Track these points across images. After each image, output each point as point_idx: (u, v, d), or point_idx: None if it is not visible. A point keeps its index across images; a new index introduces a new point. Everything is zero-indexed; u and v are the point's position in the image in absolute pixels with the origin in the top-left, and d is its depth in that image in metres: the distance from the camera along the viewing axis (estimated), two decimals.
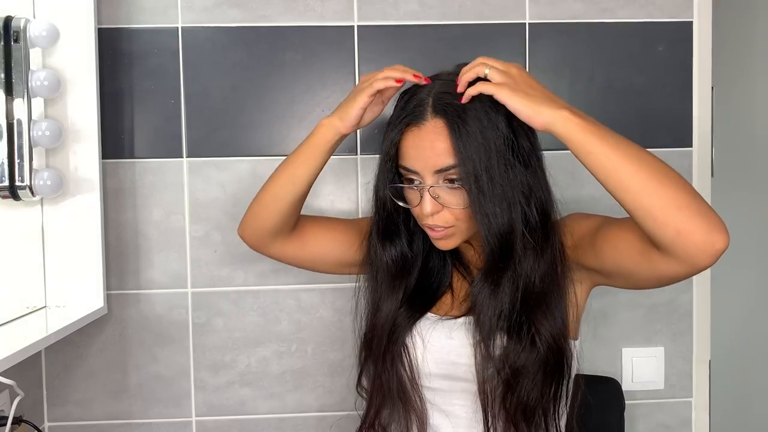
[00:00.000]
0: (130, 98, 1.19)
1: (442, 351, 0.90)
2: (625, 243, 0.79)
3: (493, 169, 0.81)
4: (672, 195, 0.71)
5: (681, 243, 0.70)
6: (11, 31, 1.04)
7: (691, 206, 0.71)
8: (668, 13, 1.23)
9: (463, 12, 1.21)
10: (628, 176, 0.73)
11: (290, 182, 0.95)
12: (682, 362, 1.26)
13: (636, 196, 0.72)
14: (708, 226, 0.70)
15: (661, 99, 1.23)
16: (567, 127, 0.76)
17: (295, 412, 1.24)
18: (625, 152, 0.74)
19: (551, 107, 0.77)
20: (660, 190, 0.71)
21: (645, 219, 0.72)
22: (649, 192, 0.72)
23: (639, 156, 0.74)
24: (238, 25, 1.20)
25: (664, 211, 0.71)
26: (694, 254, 0.70)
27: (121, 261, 1.21)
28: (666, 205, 0.71)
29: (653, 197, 0.71)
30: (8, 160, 1.04)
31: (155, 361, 1.22)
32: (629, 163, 0.73)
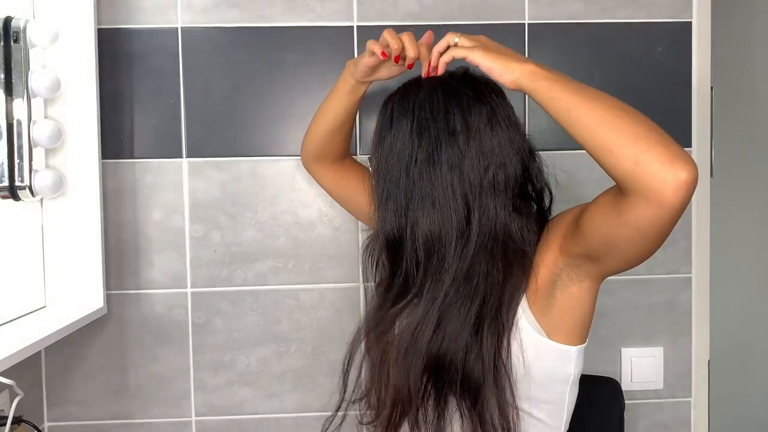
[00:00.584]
0: (130, 98, 1.20)
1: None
2: (598, 208, 0.79)
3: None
4: (629, 127, 0.71)
5: (640, 175, 0.68)
6: (11, 31, 1.04)
7: (649, 137, 0.69)
8: (667, 14, 1.23)
9: (463, 12, 1.21)
10: (584, 113, 0.74)
11: (323, 117, 1.05)
12: (682, 362, 1.26)
13: (593, 132, 0.73)
14: (668, 155, 0.68)
15: (661, 99, 1.23)
16: (533, 77, 0.78)
17: (295, 412, 1.24)
18: (586, 94, 0.76)
19: (520, 62, 0.80)
20: (617, 122, 0.72)
21: (603, 155, 0.72)
22: (606, 125, 0.72)
23: (599, 96, 0.76)
24: (237, 25, 1.20)
25: (620, 142, 0.70)
26: (657, 186, 0.68)
27: (120, 261, 1.21)
28: (622, 136, 0.70)
29: (609, 129, 0.72)
30: (8, 160, 1.04)
31: (155, 361, 1.22)
32: (588, 101, 0.75)
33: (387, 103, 0.90)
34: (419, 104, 0.86)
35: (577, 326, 0.87)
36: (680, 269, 1.25)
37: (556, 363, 0.86)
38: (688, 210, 1.25)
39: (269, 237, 1.22)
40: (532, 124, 1.22)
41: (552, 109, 0.77)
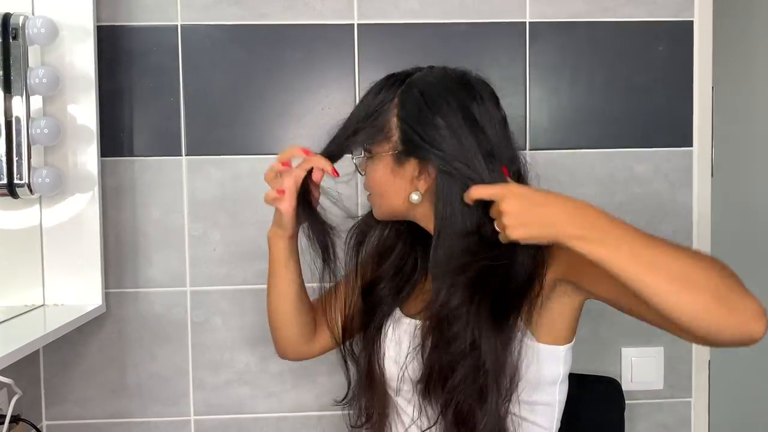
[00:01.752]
0: (129, 96, 1.19)
1: (393, 351, 0.91)
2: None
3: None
4: (702, 300, 0.66)
5: (713, 339, 0.68)
6: (10, 28, 1.03)
7: (722, 305, 0.66)
8: (669, 13, 1.22)
9: (464, 10, 1.21)
10: (652, 287, 0.68)
11: (281, 297, 0.97)
12: (682, 362, 1.26)
13: (663, 306, 0.68)
14: (742, 319, 0.66)
15: (662, 98, 1.23)
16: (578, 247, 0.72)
17: (294, 412, 1.24)
18: (648, 260, 0.69)
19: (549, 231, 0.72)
20: (687, 297, 0.66)
21: (676, 323, 0.68)
22: (677, 302, 0.67)
23: (666, 261, 0.68)
24: (237, 23, 1.19)
25: (693, 319, 0.66)
26: (729, 344, 0.68)
27: (119, 259, 1.20)
28: (695, 311, 0.66)
29: (681, 307, 0.67)
30: (6, 158, 1.04)
31: (154, 360, 1.22)
32: (654, 274, 0.68)
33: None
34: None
35: (565, 329, 0.87)
36: None
37: (546, 364, 0.86)
38: (689, 209, 1.25)
39: None
40: (533, 122, 1.22)
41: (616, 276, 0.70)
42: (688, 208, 1.25)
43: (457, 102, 0.83)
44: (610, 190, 1.24)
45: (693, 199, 1.24)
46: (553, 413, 0.89)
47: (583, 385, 0.92)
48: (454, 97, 0.83)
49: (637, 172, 1.24)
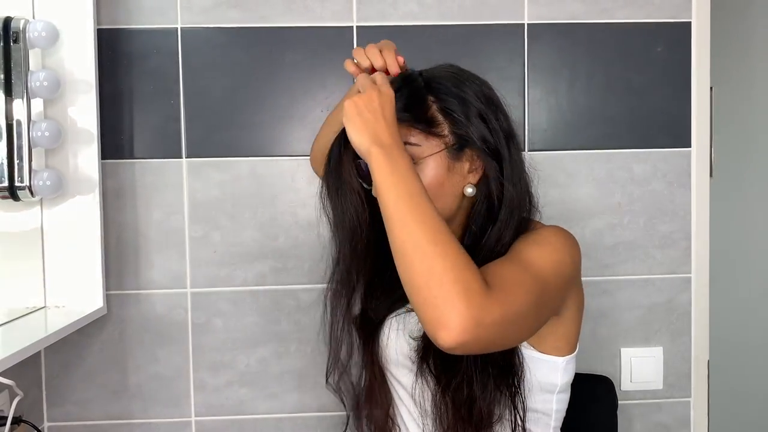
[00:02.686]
0: (130, 99, 1.20)
1: (397, 343, 0.92)
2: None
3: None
4: (412, 281, 0.69)
5: (421, 314, 0.69)
6: (11, 31, 1.04)
7: (424, 295, 0.68)
8: (667, 14, 1.23)
9: (462, 12, 1.21)
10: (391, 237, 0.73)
11: (330, 126, 1.03)
12: (681, 362, 1.26)
13: (399, 245, 0.72)
14: (432, 319, 0.67)
15: (660, 99, 1.23)
16: (371, 162, 0.77)
17: (294, 412, 1.24)
18: (406, 205, 0.73)
19: (368, 140, 0.77)
20: (418, 257, 0.70)
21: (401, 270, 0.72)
22: (404, 252, 0.71)
23: (416, 213, 0.72)
24: (237, 25, 1.20)
25: (407, 289, 0.70)
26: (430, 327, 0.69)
27: (120, 261, 1.21)
28: (406, 282, 0.70)
29: (401, 272, 0.71)
30: (8, 160, 1.04)
31: (155, 361, 1.22)
32: (403, 216, 0.72)
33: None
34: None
35: (562, 339, 0.87)
36: (680, 269, 1.25)
37: (543, 373, 0.87)
38: (688, 210, 1.25)
39: (269, 237, 1.22)
40: (532, 123, 1.22)
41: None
42: (687, 208, 1.25)
43: (479, 90, 0.87)
44: (609, 191, 1.24)
45: (692, 199, 1.25)
46: (549, 422, 0.89)
47: (575, 383, 0.93)
48: (476, 85, 0.88)
49: (636, 173, 1.24)
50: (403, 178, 0.74)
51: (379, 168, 0.75)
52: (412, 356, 0.88)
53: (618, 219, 1.24)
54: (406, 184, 0.73)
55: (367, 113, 0.78)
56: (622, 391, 1.24)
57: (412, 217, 0.71)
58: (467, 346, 0.67)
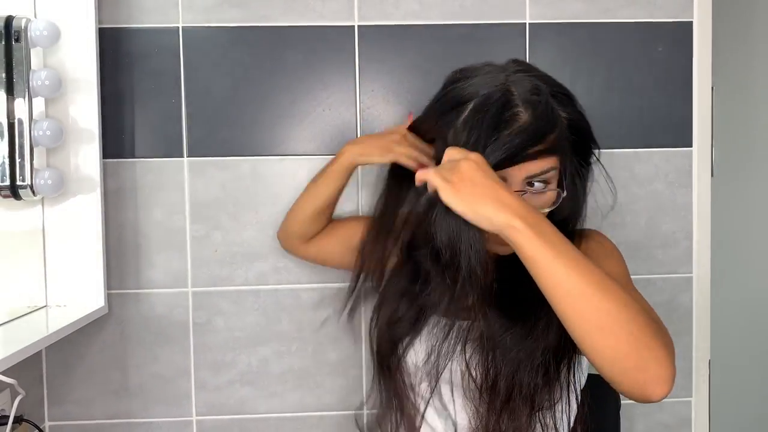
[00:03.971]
0: (131, 98, 1.20)
1: (430, 348, 0.90)
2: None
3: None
4: (612, 347, 0.66)
5: (613, 384, 0.68)
6: (12, 30, 1.04)
7: (629, 359, 0.65)
8: (668, 13, 1.23)
9: (464, 12, 1.21)
10: (568, 314, 0.67)
11: (314, 198, 1.08)
12: (682, 362, 1.26)
13: (577, 328, 0.67)
14: (644, 379, 0.65)
15: (662, 99, 1.23)
16: (514, 236, 0.69)
17: (296, 412, 1.24)
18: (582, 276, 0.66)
19: (496, 211, 0.68)
20: (600, 338, 0.66)
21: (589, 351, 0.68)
22: (587, 339, 0.67)
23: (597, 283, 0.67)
24: (238, 25, 1.20)
25: (599, 360, 0.67)
26: (626, 394, 0.68)
27: (121, 260, 1.21)
28: (603, 354, 0.66)
29: (590, 344, 0.67)
30: (9, 159, 1.04)
31: (156, 361, 1.22)
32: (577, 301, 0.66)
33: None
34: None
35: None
36: (681, 269, 1.25)
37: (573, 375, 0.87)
38: (689, 210, 1.25)
39: (270, 236, 1.22)
40: None
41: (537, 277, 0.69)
42: (688, 208, 1.25)
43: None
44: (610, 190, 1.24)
45: (693, 199, 1.25)
46: (569, 419, 0.89)
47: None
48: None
49: (637, 173, 1.24)
50: (560, 249, 0.67)
51: (530, 242, 0.66)
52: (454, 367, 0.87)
53: (620, 219, 1.24)
54: (566, 253, 0.67)
55: (476, 185, 0.70)
56: None
57: (591, 286, 0.65)
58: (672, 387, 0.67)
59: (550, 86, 0.84)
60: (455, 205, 0.70)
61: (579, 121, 0.85)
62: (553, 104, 0.81)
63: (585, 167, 0.90)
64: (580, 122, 0.85)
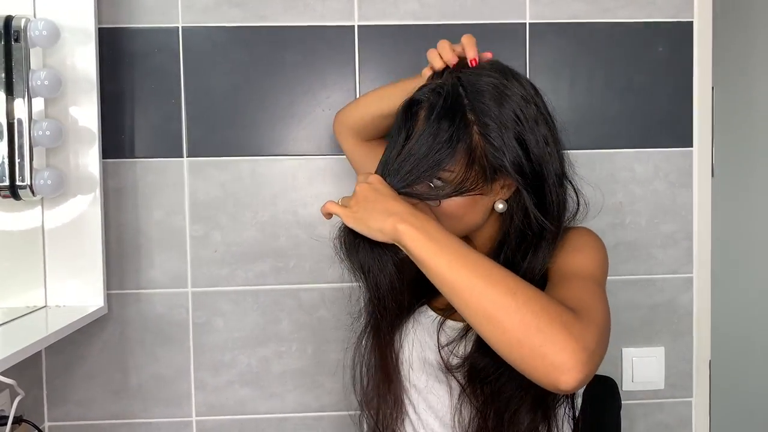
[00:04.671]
0: (131, 98, 1.20)
1: (424, 347, 0.91)
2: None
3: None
4: (506, 338, 0.66)
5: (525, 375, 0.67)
6: (12, 30, 1.04)
7: (525, 349, 0.65)
8: (668, 14, 1.23)
9: (464, 12, 1.21)
10: (462, 307, 0.69)
11: (379, 100, 1.01)
12: (683, 362, 1.26)
13: (472, 317, 0.69)
14: (545, 368, 0.64)
15: (662, 99, 1.23)
16: (402, 239, 0.73)
17: (295, 412, 1.24)
18: (467, 267, 0.69)
19: (388, 221, 0.74)
20: (491, 328, 0.67)
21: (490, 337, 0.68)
22: (482, 329, 0.68)
23: (484, 273, 0.69)
24: (238, 24, 1.20)
25: (498, 349, 0.68)
26: (541, 385, 0.66)
27: (121, 261, 1.21)
28: (498, 344, 0.67)
29: (486, 335, 0.68)
30: (9, 159, 1.04)
31: (155, 361, 1.22)
32: (469, 280, 0.69)
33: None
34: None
35: None
36: (681, 269, 1.25)
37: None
38: (689, 210, 1.25)
39: (270, 237, 1.22)
40: None
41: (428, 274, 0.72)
42: (688, 208, 1.25)
43: (521, 103, 0.82)
44: (611, 191, 1.24)
45: (693, 199, 1.25)
46: (568, 426, 0.89)
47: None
48: (518, 98, 0.82)
49: (638, 173, 1.24)
50: (444, 244, 0.71)
51: (416, 243, 0.71)
52: (435, 362, 0.88)
53: (620, 219, 1.24)
54: (451, 249, 0.70)
55: (368, 202, 0.77)
56: (624, 391, 1.24)
57: (478, 280, 0.68)
58: (587, 379, 0.64)
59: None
60: (353, 225, 0.77)
61: (486, 135, 0.81)
62: (465, 110, 0.82)
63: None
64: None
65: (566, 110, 1.23)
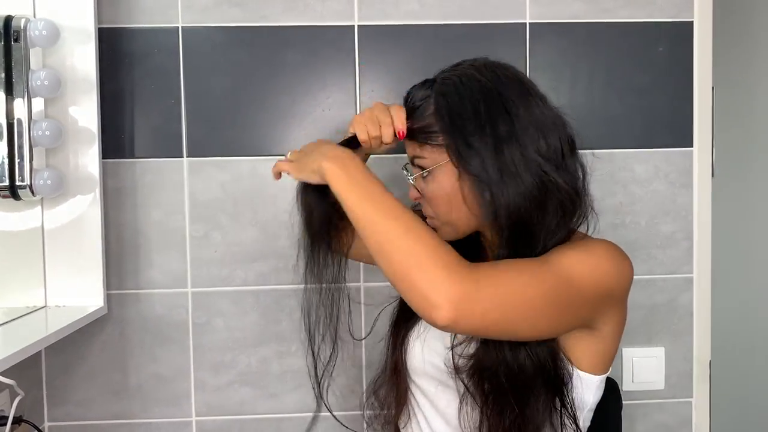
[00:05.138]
0: (131, 98, 1.19)
1: (431, 352, 0.91)
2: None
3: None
4: (390, 270, 0.73)
5: (411, 300, 0.72)
6: (11, 30, 1.04)
7: (404, 281, 0.71)
8: (668, 13, 1.23)
9: (464, 12, 1.21)
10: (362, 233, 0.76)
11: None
12: (683, 362, 1.26)
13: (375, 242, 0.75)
14: (421, 302, 0.70)
15: (662, 99, 1.23)
16: (326, 176, 0.80)
17: (295, 412, 1.24)
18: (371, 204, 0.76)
19: (317, 161, 0.81)
20: (381, 258, 0.74)
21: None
22: (377, 259, 0.74)
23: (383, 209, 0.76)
24: (238, 24, 1.20)
25: (389, 278, 0.73)
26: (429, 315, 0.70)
27: (121, 261, 1.21)
28: (387, 273, 0.73)
29: (380, 264, 0.74)
30: (8, 159, 1.04)
31: (155, 361, 1.22)
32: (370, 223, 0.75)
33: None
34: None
35: (599, 357, 0.86)
36: (681, 269, 1.25)
37: (578, 391, 0.85)
38: (689, 210, 1.25)
39: (270, 237, 1.22)
40: None
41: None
42: (689, 208, 1.25)
43: (483, 88, 0.86)
44: (611, 191, 1.24)
45: (693, 199, 1.25)
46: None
47: None
48: (480, 84, 0.87)
49: (638, 173, 1.24)
50: (358, 181, 0.77)
51: (335, 178, 0.78)
52: (442, 366, 0.88)
53: (620, 219, 1.24)
54: (364, 186, 0.77)
55: (307, 151, 0.85)
56: (624, 391, 1.24)
57: (377, 213, 0.75)
58: (462, 322, 0.70)
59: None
60: (296, 175, 0.85)
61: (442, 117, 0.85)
62: (428, 99, 0.87)
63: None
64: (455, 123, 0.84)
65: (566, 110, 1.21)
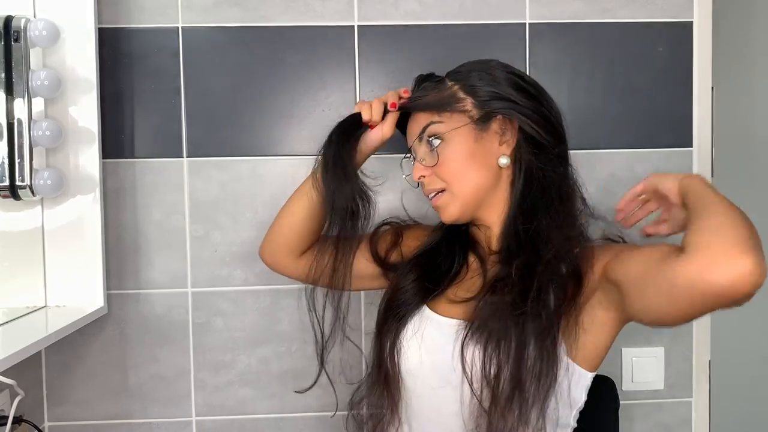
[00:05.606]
0: (131, 98, 1.19)
1: (432, 347, 0.90)
2: (654, 248, 0.77)
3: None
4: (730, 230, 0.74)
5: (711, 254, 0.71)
6: (11, 30, 1.04)
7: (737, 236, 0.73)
8: (668, 14, 1.23)
9: (464, 12, 1.21)
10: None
11: (301, 206, 0.99)
12: (682, 362, 1.26)
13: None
14: (741, 251, 0.70)
15: (662, 99, 1.23)
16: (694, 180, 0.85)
17: (295, 412, 1.24)
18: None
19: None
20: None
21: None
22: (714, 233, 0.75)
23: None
24: (238, 24, 1.20)
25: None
26: (713, 263, 0.69)
27: (121, 261, 1.21)
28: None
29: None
30: (8, 159, 1.04)
31: (155, 361, 1.22)
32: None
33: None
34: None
35: (593, 352, 0.86)
36: None
37: (572, 386, 0.85)
38: None
39: None
40: None
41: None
42: None
43: (509, 72, 0.94)
44: (611, 191, 1.24)
45: None
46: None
47: None
48: (505, 70, 0.94)
49: (638, 173, 1.24)
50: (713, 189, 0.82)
51: (704, 181, 0.86)
52: (447, 360, 0.87)
53: None
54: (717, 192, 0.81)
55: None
56: (623, 391, 1.24)
57: (725, 201, 0.82)
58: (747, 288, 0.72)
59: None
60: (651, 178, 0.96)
61: (470, 86, 0.92)
62: (443, 78, 0.95)
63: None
64: (479, 86, 0.91)
65: (566, 110, 1.22)
